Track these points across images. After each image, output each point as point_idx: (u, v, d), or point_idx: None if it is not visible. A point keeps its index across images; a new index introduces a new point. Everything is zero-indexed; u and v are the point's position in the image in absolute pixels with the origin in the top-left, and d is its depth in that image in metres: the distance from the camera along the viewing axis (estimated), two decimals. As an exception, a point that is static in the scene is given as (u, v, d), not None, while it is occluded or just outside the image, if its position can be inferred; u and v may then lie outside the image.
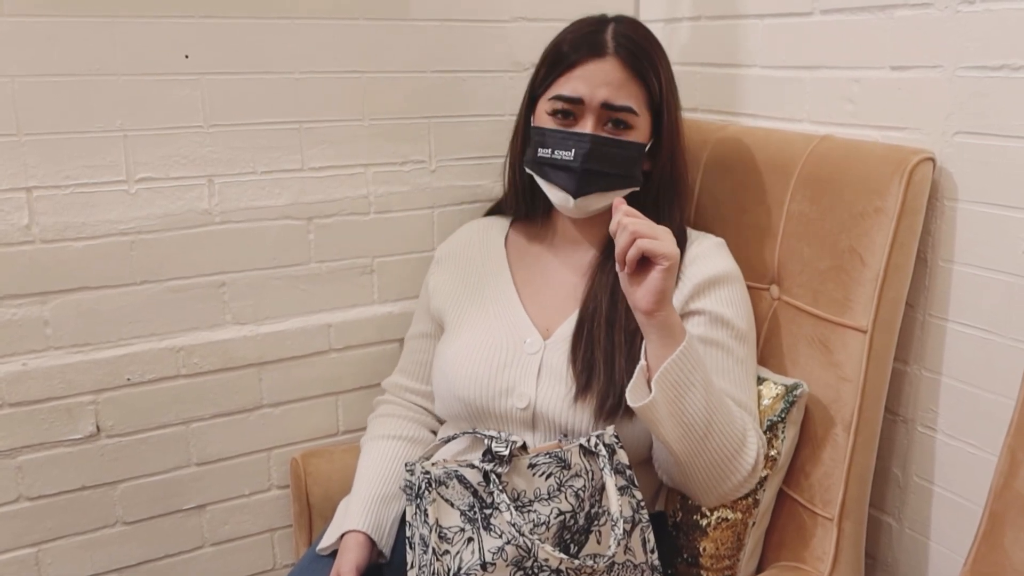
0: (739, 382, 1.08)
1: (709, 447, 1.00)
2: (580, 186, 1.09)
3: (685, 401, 0.97)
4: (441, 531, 0.95)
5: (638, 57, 1.09)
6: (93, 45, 1.20)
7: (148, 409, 1.32)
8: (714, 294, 1.10)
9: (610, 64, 1.08)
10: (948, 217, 1.08)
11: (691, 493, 1.07)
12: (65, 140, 1.21)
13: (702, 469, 1.01)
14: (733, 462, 1.01)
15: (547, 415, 1.07)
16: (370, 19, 1.36)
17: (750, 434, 1.03)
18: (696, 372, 0.98)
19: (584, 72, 1.09)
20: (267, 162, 1.34)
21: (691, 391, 0.97)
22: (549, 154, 1.10)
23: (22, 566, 1.29)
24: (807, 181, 1.15)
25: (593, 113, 1.08)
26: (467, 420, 1.13)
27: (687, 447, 0.99)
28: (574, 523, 0.97)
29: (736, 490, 1.04)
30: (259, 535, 1.47)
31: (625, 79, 1.08)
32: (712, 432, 0.99)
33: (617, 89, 1.08)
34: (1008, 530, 0.85)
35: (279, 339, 1.39)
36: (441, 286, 1.25)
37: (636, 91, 1.09)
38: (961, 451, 1.10)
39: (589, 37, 1.10)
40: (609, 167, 1.09)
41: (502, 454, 0.96)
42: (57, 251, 1.23)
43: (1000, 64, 1.00)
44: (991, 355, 1.05)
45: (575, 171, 1.08)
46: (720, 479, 1.03)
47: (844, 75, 1.19)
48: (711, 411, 0.98)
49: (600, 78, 1.08)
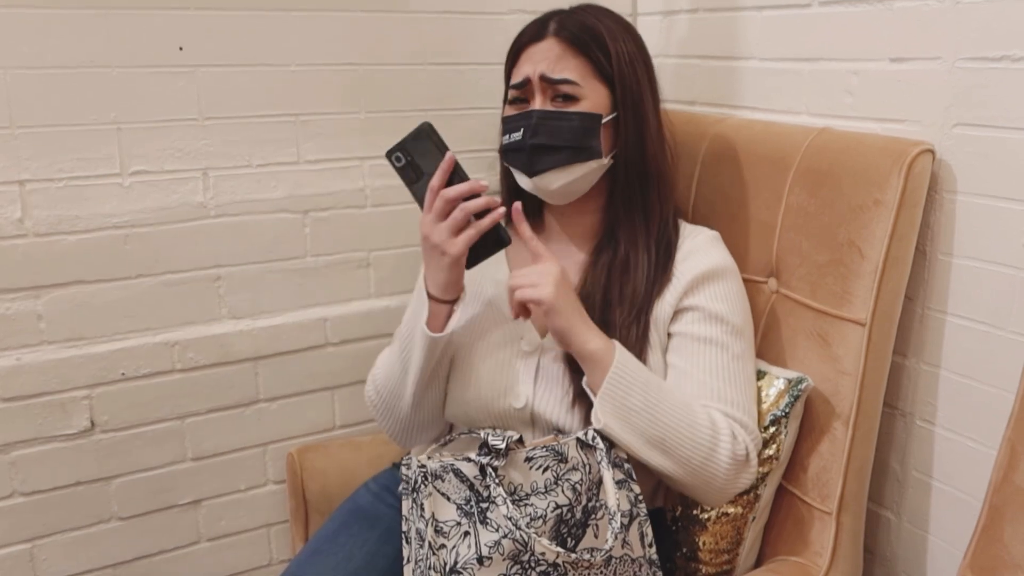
0: (734, 379, 1.07)
1: (678, 456, 1.00)
2: (532, 163, 1.09)
3: (632, 421, 0.99)
4: (437, 525, 0.95)
5: (578, 32, 1.09)
6: (87, 37, 1.19)
7: (143, 404, 1.32)
8: (708, 290, 1.09)
9: (548, 43, 1.09)
10: (947, 209, 1.07)
11: (690, 496, 1.08)
12: (59, 133, 1.20)
13: (683, 476, 1.02)
14: (709, 465, 1.01)
15: (544, 416, 1.07)
16: (367, 11, 1.36)
17: (722, 433, 1.02)
18: (632, 394, 0.99)
19: (526, 56, 1.11)
20: (262, 155, 1.33)
21: (633, 413, 0.99)
22: (507, 140, 1.12)
23: (16, 562, 1.28)
24: (806, 174, 1.14)
25: (539, 92, 1.09)
26: (466, 421, 1.13)
27: (655, 459, 1.01)
28: (571, 517, 0.97)
29: (727, 487, 1.03)
30: (255, 530, 1.46)
31: (562, 52, 1.09)
32: (671, 442, 1.00)
33: (554, 62, 1.08)
34: (1007, 524, 0.85)
35: (275, 333, 1.39)
36: None
37: (576, 63, 1.09)
38: (960, 445, 1.10)
39: (534, 26, 1.12)
40: (558, 140, 1.08)
41: (498, 447, 0.96)
42: (51, 245, 1.22)
43: (1000, 55, 0.99)
44: (990, 348, 1.04)
45: (525, 149, 1.09)
46: (705, 481, 1.02)
47: (843, 67, 1.18)
48: (663, 426, 0.99)
49: (538, 56, 1.09)
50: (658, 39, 1.53)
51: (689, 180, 1.33)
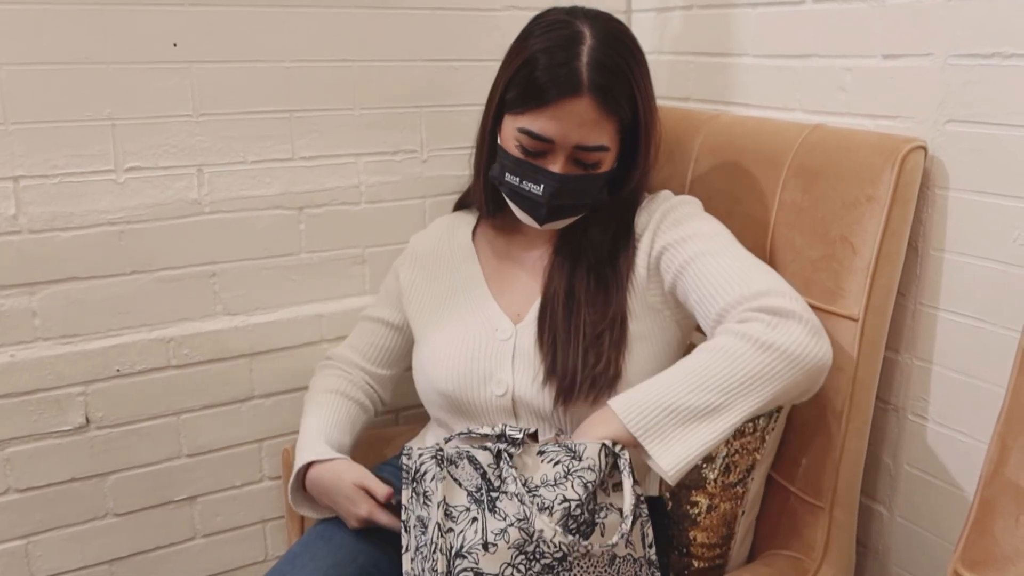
0: (734, 269, 1.01)
1: (751, 380, 0.92)
2: (548, 217, 1.09)
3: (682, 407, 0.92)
4: (448, 509, 0.95)
5: (613, 92, 1.03)
6: (81, 33, 1.19)
7: (138, 400, 1.32)
8: (666, 224, 1.10)
9: (584, 104, 1.02)
10: (939, 205, 1.08)
11: (811, 390, 0.99)
12: (53, 129, 1.20)
13: (783, 386, 0.93)
14: (772, 353, 0.93)
15: (524, 400, 1.08)
16: (361, 7, 1.35)
17: (747, 327, 0.95)
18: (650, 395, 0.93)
19: (557, 112, 1.02)
20: (257, 151, 1.33)
21: (673, 413, 0.92)
22: (517, 183, 1.08)
23: (12, 558, 1.28)
24: (799, 170, 1.15)
25: (564, 152, 1.05)
26: (450, 415, 1.14)
27: (747, 407, 0.91)
28: (580, 513, 0.97)
29: (810, 351, 0.94)
30: (251, 526, 1.46)
31: (599, 118, 1.03)
32: (732, 383, 0.92)
33: (590, 130, 1.04)
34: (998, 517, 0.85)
35: (270, 330, 1.39)
36: (415, 285, 1.25)
37: (608, 127, 1.06)
38: (952, 439, 1.10)
39: (562, 68, 1.02)
40: (580, 199, 1.09)
41: (516, 437, 0.96)
42: (45, 241, 1.22)
43: (991, 52, 1.00)
44: (982, 343, 1.05)
45: (542, 205, 1.07)
46: (791, 365, 0.93)
47: (836, 64, 1.19)
48: (705, 387, 0.92)
49: (574, 120, 1.02)
50: (652, 35, 1.53)
51: (683, 177, 1.33)
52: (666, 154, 1.33)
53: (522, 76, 1.05)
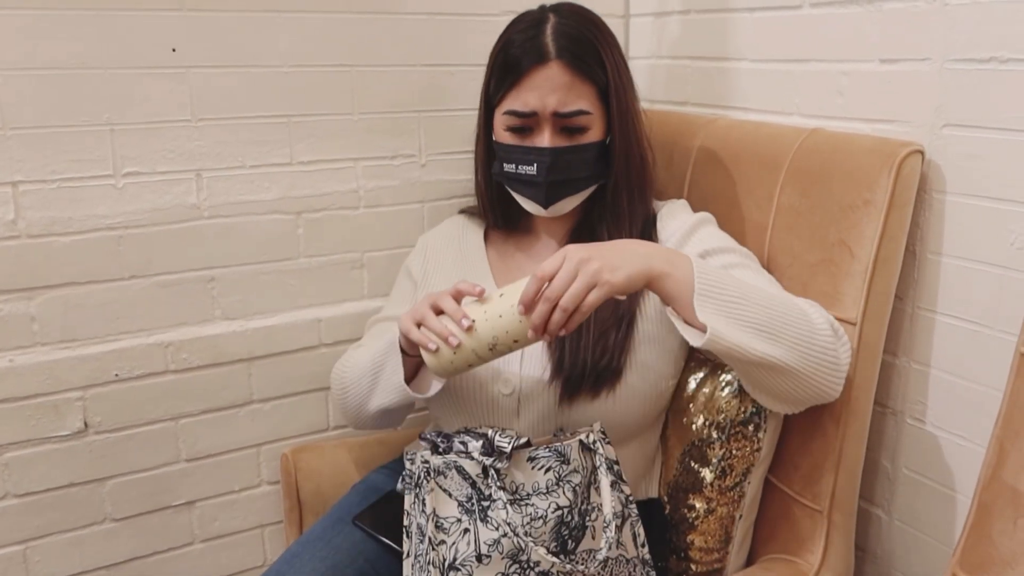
0: (775, 284, 1.06)
1: (788, 338, 0.94)
2: (549, 197, 1.11)
3: (737, 313, 0.92)
4: (438, 521, 0.95)
5: (581, 55, 1.08)
6: (79, 38, 1.19)
7: (136, 405, 1.32)
8: (694, 238, 1.12)
9: (554, 69, 1.07)
10: (937, 209, 1.08)
11: (808, 393, 1.00)
12: (51, 134, 1.20)
13: (796, 361, 0.95)
14: (816, 337, 0.96)
15: (529, 398, 1.08)
16: (359, 12, 1.36)
17: (805, 303, 0.99)
18: (726, 286, 0.93)
19: (531, 82, 1.08)
20: (255, 156, 1.34)
21: (734, 305, 0.92)
22: (514, 169, 1.11)
23: (10, 564, 1.28)
24: (797, 174, 1.15)
25: (548, 122, 1.09)
26: (455, 414, 1.13)
27: (769, 350, 0.92)
28: (572, 519, 0.97)
29: (838, 360, 0.98)
30: (249, 531, 1.46)
31: (571, 81, 1.07)
32: (777, 324, 0.93)
33: (566, 94, 1.07)
34: (996, 521, 0.85)
35: (268, 334, 1.39)
36: (427, 276, 1.26)
37: (585, 90, 1.09)
38: (950, 443, 1.10)
39: (530, 42, 1.08)
40: (574, 172, 1.10)
41: (504, 450, 0.96)
42: (43, 246, 1.22)
43: (988, 57, 1.00)
44: (980, 347, 1.05)
45: (541, 185, 1.09)
46: (818, 360, 0.96)
47: (833, 68, 1.19)
48: (762, 308, 0.93)
49: (547, 86, 1.07)
50: (650, 40, 1.54)
51: (681, 180, 1.33)
52: (664, 158, 1.34)
53: (499, 62, 1.12)
